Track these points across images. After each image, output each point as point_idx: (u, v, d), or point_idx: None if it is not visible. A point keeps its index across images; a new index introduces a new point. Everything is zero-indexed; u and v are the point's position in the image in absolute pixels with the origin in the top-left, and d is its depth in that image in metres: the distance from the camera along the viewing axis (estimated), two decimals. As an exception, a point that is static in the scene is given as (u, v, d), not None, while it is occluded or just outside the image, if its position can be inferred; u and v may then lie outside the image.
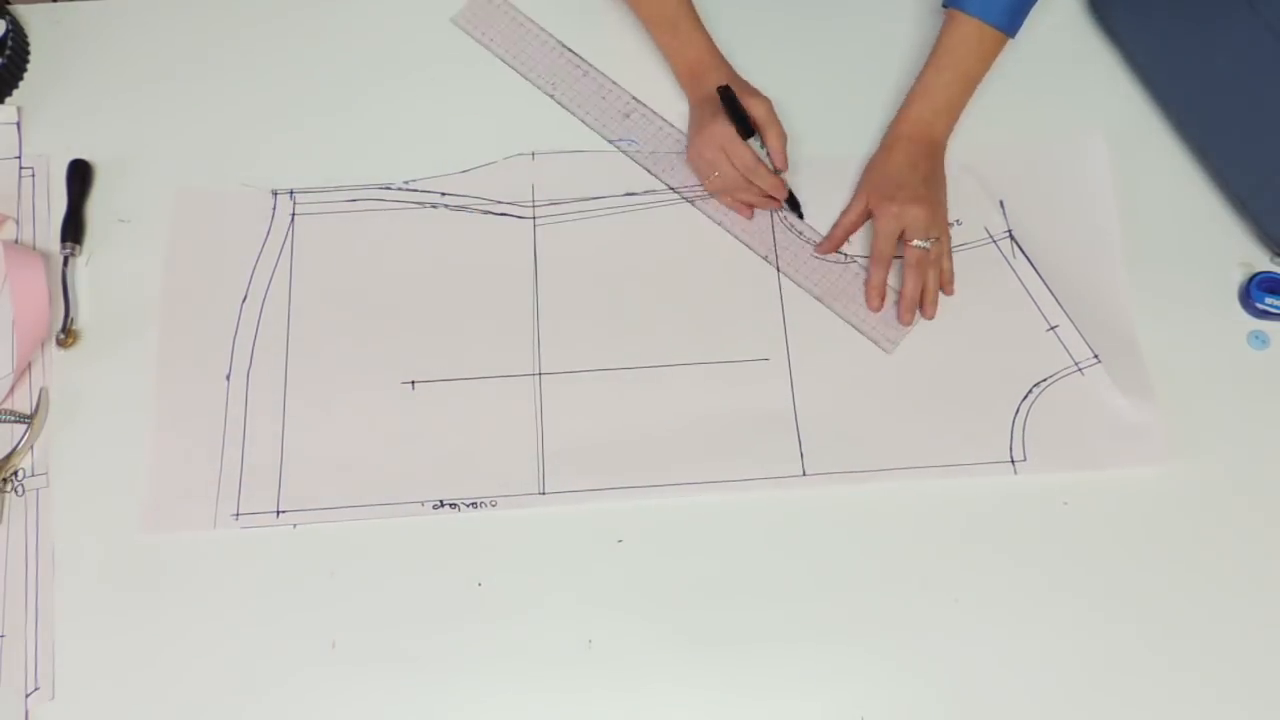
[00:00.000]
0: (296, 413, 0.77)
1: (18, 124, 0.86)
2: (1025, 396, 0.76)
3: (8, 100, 0.87)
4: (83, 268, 0.82)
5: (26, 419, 0.76)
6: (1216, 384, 0.77)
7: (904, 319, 0.78)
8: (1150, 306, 0.79)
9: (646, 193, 0.83)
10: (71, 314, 0.80)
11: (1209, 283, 0.80)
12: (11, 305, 0.79)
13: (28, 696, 0.70)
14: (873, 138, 0.84)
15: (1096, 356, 0.76)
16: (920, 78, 0.81)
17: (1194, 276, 0.80)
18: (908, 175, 0.79)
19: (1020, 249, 0.80)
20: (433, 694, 0.70)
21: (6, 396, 0.77)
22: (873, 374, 0.77)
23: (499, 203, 0.83)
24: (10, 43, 0.88)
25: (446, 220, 0.83)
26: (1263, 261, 0.80)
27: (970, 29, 0.78)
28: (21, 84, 0.88)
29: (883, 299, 0.79)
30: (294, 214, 0.83)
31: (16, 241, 0.83)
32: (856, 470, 0.74)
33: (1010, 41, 0.79)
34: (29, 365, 0.78)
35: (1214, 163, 0.82)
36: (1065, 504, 0.74)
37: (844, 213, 0.81)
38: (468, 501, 0.74)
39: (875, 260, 0.79)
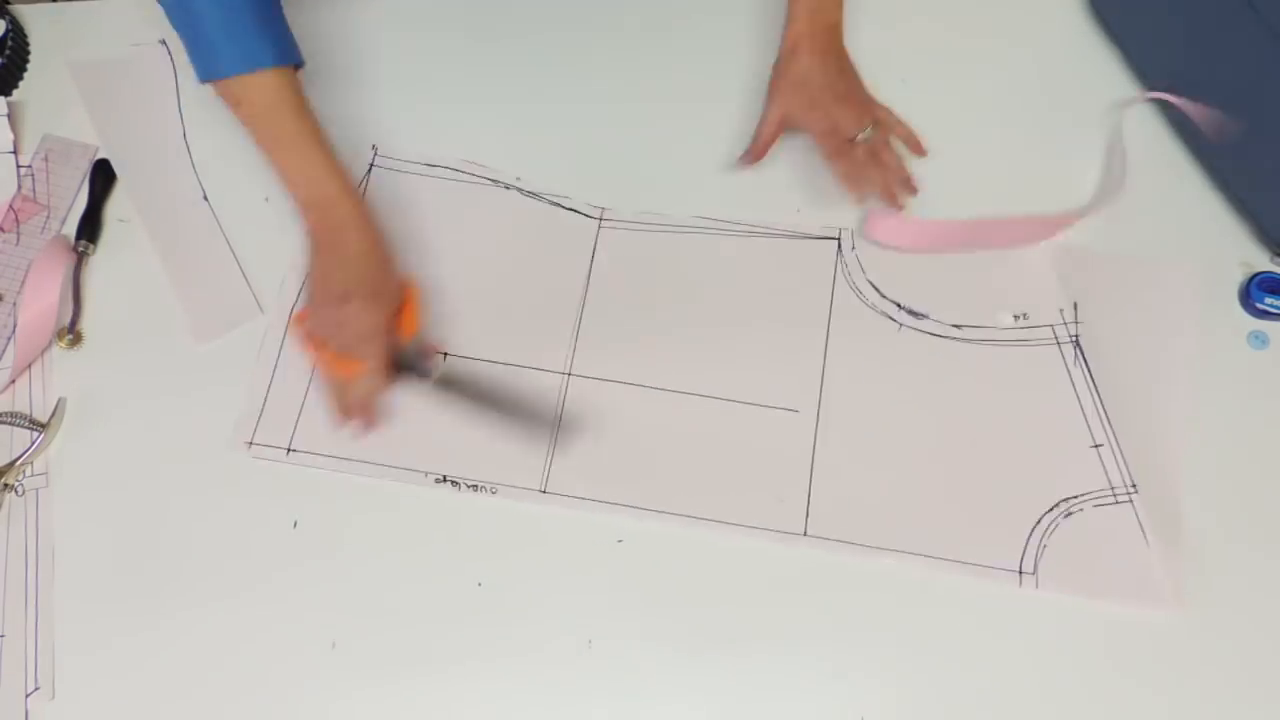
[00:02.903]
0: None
1: (7, 115, 0.85)
2: (1051, 510, 0.73)
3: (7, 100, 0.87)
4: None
5: (41, 427, 0.76)
6: (1216, 384, 0.77)
7: (897, 204, 0.79)
8: (1150, 307, 0.79)
9: (716, 219, 0.82)
10: (80, 313, 0.80)
11: (1209, 283, 0.80)
12: (26, 299, 0.79)
13: (28, 696, 0.70)
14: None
15: (1135, 486, 0.73)
16: None
17: (1194, 277, 0.80)
18: (821, 75, 0.79)
19: (1083, 358, 0.76)
20: (433, 694, 0.70)
21: (7, 387, 0.77)
22: (898, 449, 0.75)
23: (570, 198, 0.83)
24: (10, 42, 0.88)
25: (515, 203, 0.83)
26: (1263, 261, 0.80)
27: None
28: (21, 83, 0.88)
29: (860, 186, 0.79)
30: (372, 165, 0.84)
31: (43, 230, 0.83)
32: (858, 543, 0.72)
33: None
34: (38, 363, 0.78)
35: (1214, 163, 0.82)
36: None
37: (761, 124, 0.81)
38: (469, 482, 0.74)
39: (832, 156, 0.79)
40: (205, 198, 0.84)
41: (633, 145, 0.86)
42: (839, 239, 0.81)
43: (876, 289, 0.80)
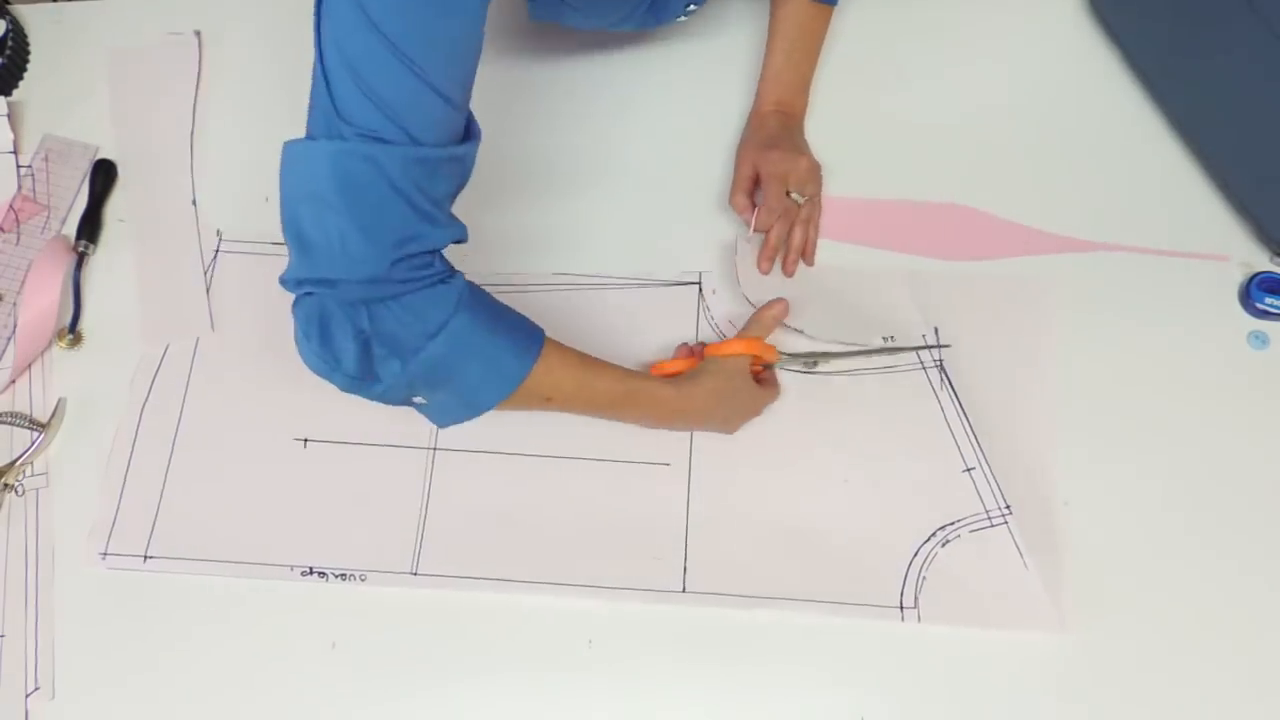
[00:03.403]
0: (184, 454, 0.76)
1: (7, 115, 0.85)
2: (927, 540, 0.72)
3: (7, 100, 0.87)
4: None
5: (41, 427, 0.76)
6: (1216, 384, 0.77)
7: (762, 266, 0.79)
8: (1150, 307, 0.79)
9: (575, 274, 0.81)
10: (80, 313, 0.80)
11: (1209, 283, 0.80)
12: (26, 299, 0.79)
13: (28, 696, 0.69)
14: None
15: (1009, 507, 0.73)
16: (766, 62, 0.84)
17: (1194, 277, 0.80)
18: (784, 137, 0.81)
19: (949, 381, 0.76)
20: (432, 694, 0.70)
21: (7, 387, 0.77)
22: (771, 493, 0.74)
23: None
24: (10, 42, 0.88)
25: None
26: (1263, 261, 0.80)
27: (801, 8, 0.81)
28: (21, 83, 0.89)
29: (771, 261, 0.79)
30: (217, 251, 0.82)
31: (43, 230, 0.83)
32: (735, 594, 0.71)
33: (834, 9, 0.82)
34: (38, 363, 0.78)
35: (1214, 163, 0.82)
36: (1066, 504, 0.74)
37: (732, 190, 0.80)
38: (336, 572, 0.72)
39: (765, 209, 0.79)
40: (194, 202, 0.84)
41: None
42: (699, 283, 0.80)
43: (738, 329, 0.77)
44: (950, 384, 0.76)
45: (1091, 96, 0.87)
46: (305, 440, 0.76)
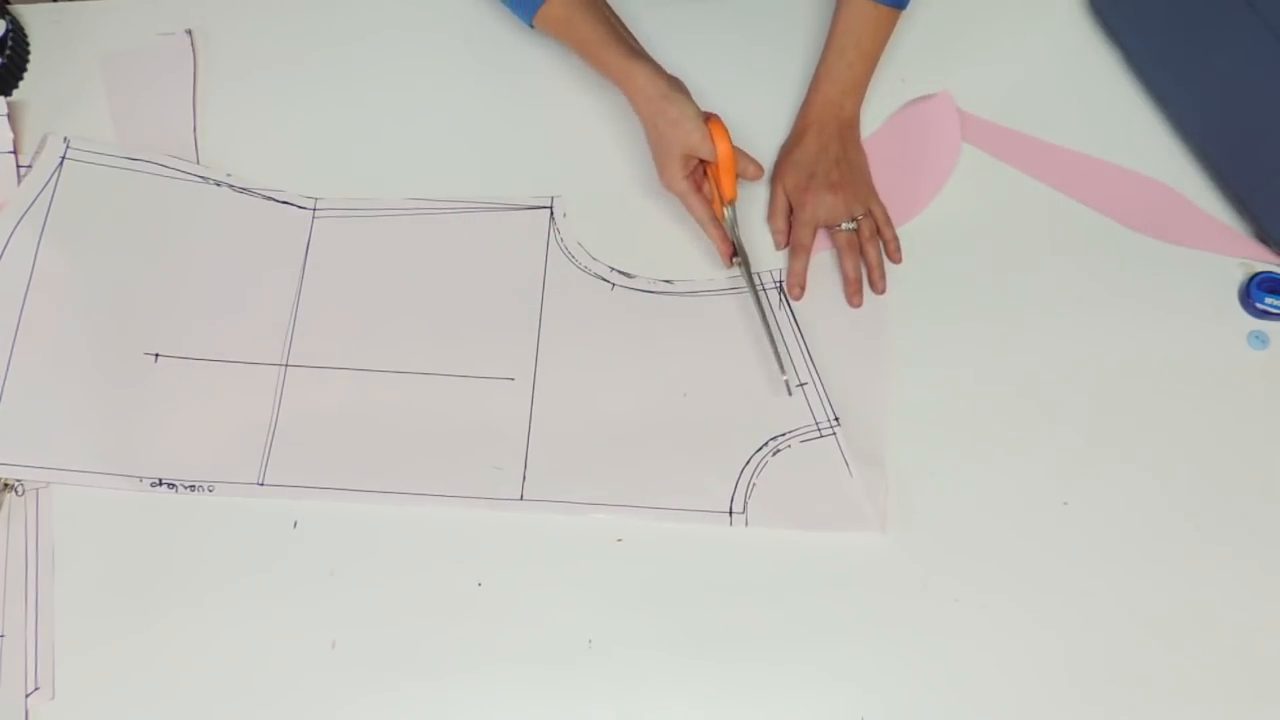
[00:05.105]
0: (24, 358, 0.77)
1: (7, 115, 0.85)
2: (760, 449, 0.75)
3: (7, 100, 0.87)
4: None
5: None
6: (1216, 384, 0.77)
7: (853, 302, 0.79)
8: (1150, 307, 0.79)
9: (426, 199, 0.83)
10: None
11: (1209, 283, 0.80)
12: None
13: (28, 696, 0.70)
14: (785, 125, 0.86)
15: (838, 419, 0.75)
16: (822, 61, 0.83)
17: (1194, 276, 0.80)
18: (819, 161, 0.80)
19: (787, 302, 0.79)
20: (432, 694, 0.70)
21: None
22: (613, 406, 0.76)
23: (282, 191, 0.84)
24: (10, 42, 0.88)
25: (225, 200, 0.83)
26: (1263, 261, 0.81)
27: (864, 9, 0.80)
28: (21, 83, 0.89)
29: (802, 288, 0.79)
30: (64, 158, 0.83)
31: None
32: (572, 501, 0.74)
33: (903, 13, 0.81)
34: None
35: (1214, 163, 0.82)
36: (1065, 504, 0.74)
37: (769, 213, 0.83)
38: (186, 483, 0.74)
39: (793, 248, 0.80)
40: None
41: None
42: (550, 207, 0.83)
43: (589, 253, 0.81)
44: (789, 304, 0.79)
45: (1091, 96, 0.87)
46: (156, 355, 0.77)
